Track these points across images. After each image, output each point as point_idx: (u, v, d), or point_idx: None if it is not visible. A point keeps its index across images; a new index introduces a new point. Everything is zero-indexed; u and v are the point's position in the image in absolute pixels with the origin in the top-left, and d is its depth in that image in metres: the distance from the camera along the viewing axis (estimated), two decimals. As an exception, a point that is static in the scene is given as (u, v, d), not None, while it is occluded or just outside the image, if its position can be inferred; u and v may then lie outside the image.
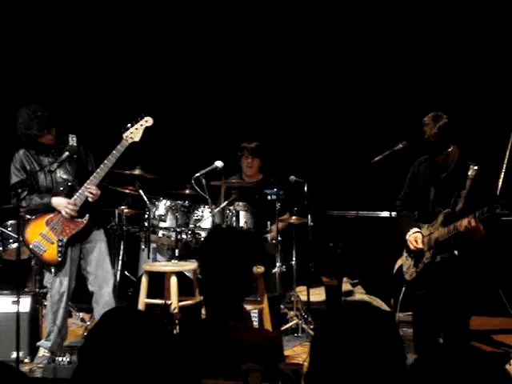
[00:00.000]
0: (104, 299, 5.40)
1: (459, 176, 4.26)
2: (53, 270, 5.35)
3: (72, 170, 5.45)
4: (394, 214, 4.88)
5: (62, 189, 5.36)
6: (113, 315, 1.72)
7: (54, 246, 5.32)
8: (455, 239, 4.20)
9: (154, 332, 1.63)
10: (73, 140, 5.49)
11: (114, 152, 5.35)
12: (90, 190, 5.29)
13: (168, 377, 1.57)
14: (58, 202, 5.31)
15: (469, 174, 4.22)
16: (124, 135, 5.42)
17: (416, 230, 4.41)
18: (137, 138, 5.44)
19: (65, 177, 5.41)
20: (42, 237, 5.34)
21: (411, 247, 4.37)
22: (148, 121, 5.49)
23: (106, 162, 5.32)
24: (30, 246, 5.36)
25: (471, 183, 4.20)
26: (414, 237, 4.38)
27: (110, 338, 1.61)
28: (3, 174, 5.56)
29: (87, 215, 5.37)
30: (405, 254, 4.52)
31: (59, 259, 5.31)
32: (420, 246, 4.34)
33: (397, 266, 4.64)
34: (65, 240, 5.32)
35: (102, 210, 5.72)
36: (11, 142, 5.60)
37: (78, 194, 5.33)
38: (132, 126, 5.45)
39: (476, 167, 4.21)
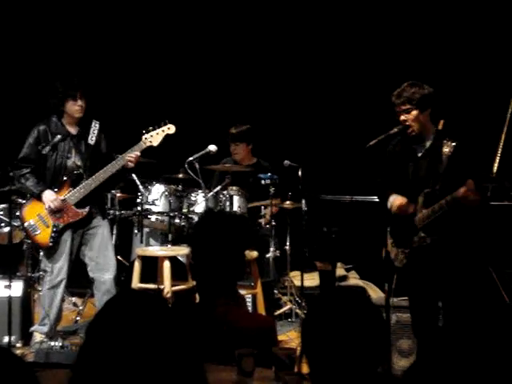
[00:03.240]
0: (105, 286, 5.33)
1: (436, 154, 4.19)
2: (49, 254, 5.31)
3: (87, 157, 5.36)
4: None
5: (69, 177, 5.29)
6: (125, 296, 1.73)
7: (48, 230, 5.26)
8: (444, 219, 4.10)
9: (165, 316, 1.64)
10: (95, 126, 5.43)
11: (129, 151, 5.29)
12: (130, 156, 5.26)
13: (175, 362, 1.58)
14: (47, 195, 5.23)
15: (445, 150, 4.15)
16: (143, 137, 5.35)
17: (395, 196, 4.28)
18: (155, 143, 5.37)
19: (79, 164, 5.33)
20: (38, 218, 5.27)
21: (401, 211, 4.23)
22: (170, 128, 5.41)
23: (119, 159, 5.28)
24: (25, 225, 5.30)
25: (449, 160, 4.13)
26: (399, 202, 4.26)
27: (120, 318, 1.61)
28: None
29: (88, 207, 5.30)
30: (389, 241, 4.44)
31: (50, 244, 5.26)
32: (410, 209, 4.22)
33: (384, 252, 4.54)
34: (60, 226, 5.26)
35: (105, 201, 5.66)
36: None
37: (83, 184, 5.26)
38: (153, 129, 5.37)
39: (453, 144, 4.14)
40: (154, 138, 5.36)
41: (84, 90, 5.26)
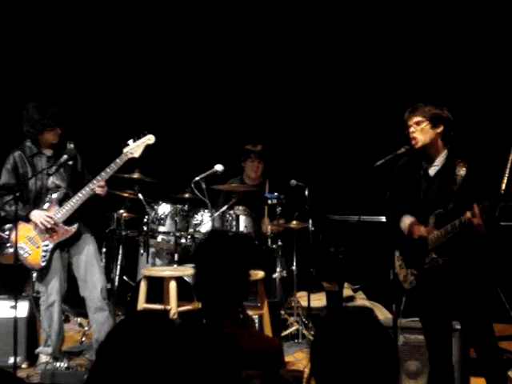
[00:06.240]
0: (95, 304, 5.37)
1: (449, 174, 4.15)
2: (41, 275, 5.33)
3: (67, 176, 5.42)
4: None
5: (54, 196, 5.32)
6: (135, 317, 1.74)
7: (38, 251, 5.30)
8: (455, 240, 4.06)
9: (173, 338, 1.67)
10: (70, 146, 5.49)
11: (111, 165, 5.32)
12: (98, 186, 5.26)
13: (183, 383, 1.59)
14: (35, 214, 5.28)
15: (459, 171, 4.11)
16: (124, 150, 5.39)
17: (408, 217, 4.25)
18: (136, 155, 5.41)
19: (57, 183, 5.39)
20: (28, 240, 5.32)
21: (414, 236, 4.18)
22: (150, 139, 5.46)
23: (102, 173, 5.31)
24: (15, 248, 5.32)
25: (463, 182, 4.08)
26: (410, 225, 4.21)
27: (131, 339, 1.64)
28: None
29: (76, 224, 5.35)
30: (397, 263, 4.38)
31: (42, 264, 5.30)
32: (423, 233, 4.16)
33: (392, 274, 4.47)
34: (50, 246, 5.31)
35: (92, 217, 5.68)
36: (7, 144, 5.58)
37: (69, 202, 5.30)
38: (134, 141, 5.42)
39: (466, 165, 4.11)
40: (134, 149, 5.40)
41: (61, 120, 5.33)
